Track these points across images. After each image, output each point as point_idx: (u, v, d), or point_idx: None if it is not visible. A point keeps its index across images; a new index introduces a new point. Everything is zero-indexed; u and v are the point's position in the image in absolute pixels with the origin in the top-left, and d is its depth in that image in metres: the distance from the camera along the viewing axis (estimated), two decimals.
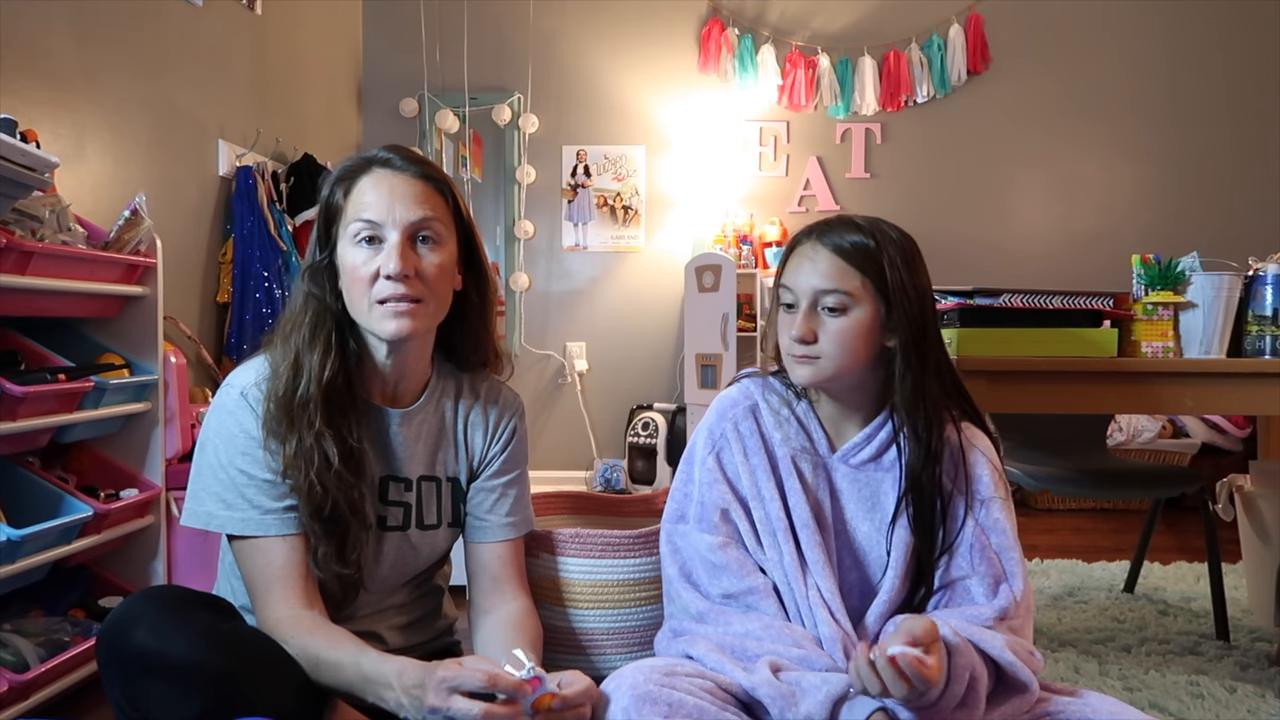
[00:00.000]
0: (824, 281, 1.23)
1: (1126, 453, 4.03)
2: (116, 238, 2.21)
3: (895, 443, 1.29)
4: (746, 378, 1.38)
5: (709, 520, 1.28)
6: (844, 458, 1.31)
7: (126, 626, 1.06)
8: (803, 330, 1.24)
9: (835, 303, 1.23)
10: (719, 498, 1.29)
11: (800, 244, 1.28)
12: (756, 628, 1.21)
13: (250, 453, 1.19)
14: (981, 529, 1.26)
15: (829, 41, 4.54)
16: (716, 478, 1.30)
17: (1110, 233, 4.35)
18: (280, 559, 1.18)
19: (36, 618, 1.98)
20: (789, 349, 1.26)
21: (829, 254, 1.24)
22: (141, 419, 2.25)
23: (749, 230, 4.50)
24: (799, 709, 1.08)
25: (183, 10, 2.97)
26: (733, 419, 1.32)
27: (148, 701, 1.04)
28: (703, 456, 1.32)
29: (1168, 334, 1.98)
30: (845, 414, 1.32)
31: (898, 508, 1.27)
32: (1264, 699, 1.98)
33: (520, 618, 1.29)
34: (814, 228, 1.28)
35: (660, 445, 4.37)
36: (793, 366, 1.27)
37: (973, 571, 1.25)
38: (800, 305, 1.25)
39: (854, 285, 1.23)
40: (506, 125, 4.55)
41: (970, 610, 1.22)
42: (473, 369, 1.37)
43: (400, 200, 1.19)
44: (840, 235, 1.25)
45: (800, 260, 1.26)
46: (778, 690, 1.10)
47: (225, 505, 1.19)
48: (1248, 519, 2.53)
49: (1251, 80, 4.44)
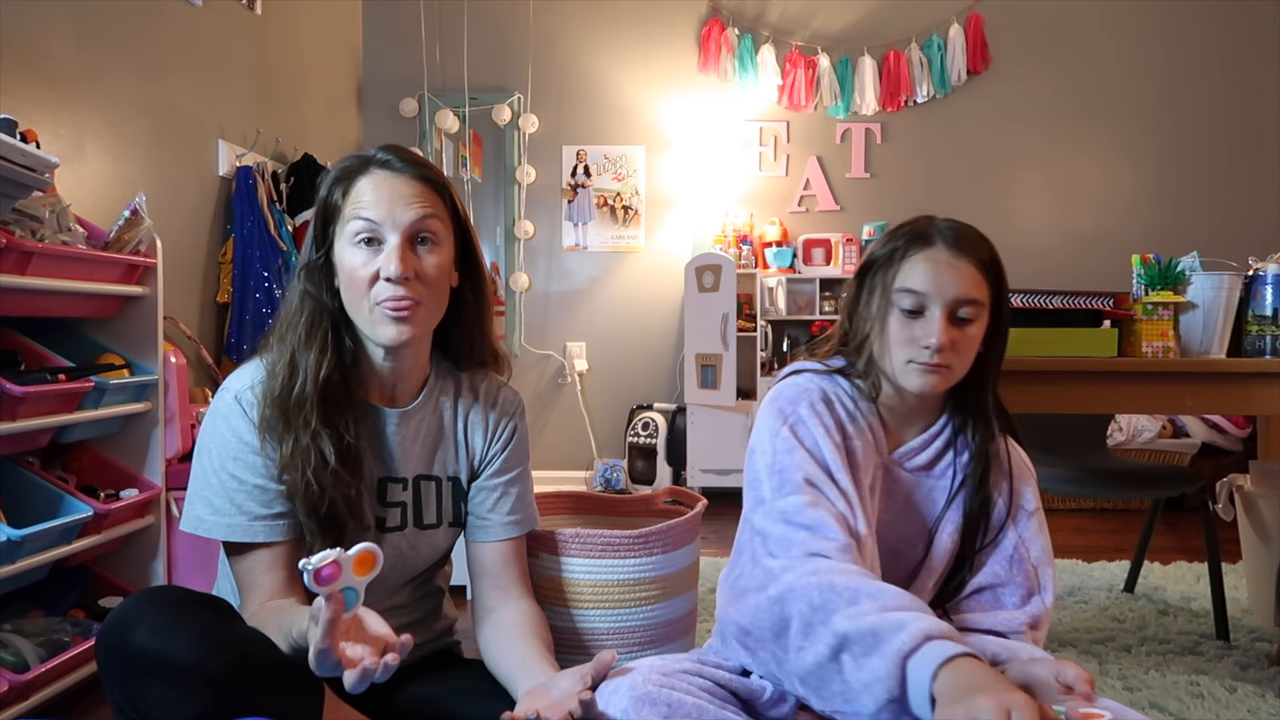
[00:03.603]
0: (965, 291, 1.21)
1: (1126, 453, 4.03)
2: (116, 238, 2.21)
3: (951, 449, 1.29)
4: (805, 372, 1.32)
5: (791, 484, 1.19)
6: (899, 460, 1.30)
7: (126, 627, 1.06)
8: (945, 338, 1.19)
9: (970, 313, 1.21)
10: (800, 463, 1.20)
11: (927, 249, 1.23)
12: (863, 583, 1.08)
13: (242, 457, 1.19)
14: (1023, 540, 1.28)
15: (829, 41, 4.54)
16: (793, 446, 1.22)
17: (1110, 232, 4.36)
18: (264, 565, 1.18)
19: (36, 618, 1.98)
20: (916, 356, 1.21)
21: (970, 264, 1.21)
22: (141, 419, 2.25)
23: (749, 230, 4.50)
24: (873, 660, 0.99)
25: (183, 10, 2.97)
26: (808, 402, 1.25)
27: (147, 702, 1.04)
28: (775, 430, 1.24)
29: (1168, 334, 1.98)
30: (909, 419, 1.31)
31: (944, 511, 1.28)
32: (1264, 699, 1.98)
33: (527, 618, 1.29)
34: (937, 232, 1.23)
35: (660, 445, 4.37)
36: (916, 374, 1.22)
37: (1009, 580, 1.27)
38: (936, 313, 1.20)
39: (985, 296, 1.22)
40: (506, 125, 4.55)
41: (1004, 615, 1.24)
42: (471, 368, 1.37)
43: (400, 202, 1.19)
44: (975, 246, 1.23)
45: (935, 267, 1.21)
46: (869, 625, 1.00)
47: (213, 510, 1.19)
48: (1248, 519, 2.53)
49: (1250, 79, 4.44)
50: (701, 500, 1.62)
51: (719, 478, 4.26)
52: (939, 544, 1.28)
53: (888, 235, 1.28)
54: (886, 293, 1.24)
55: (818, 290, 4.44)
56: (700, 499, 1.62)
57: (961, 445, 1.30)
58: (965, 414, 1.29)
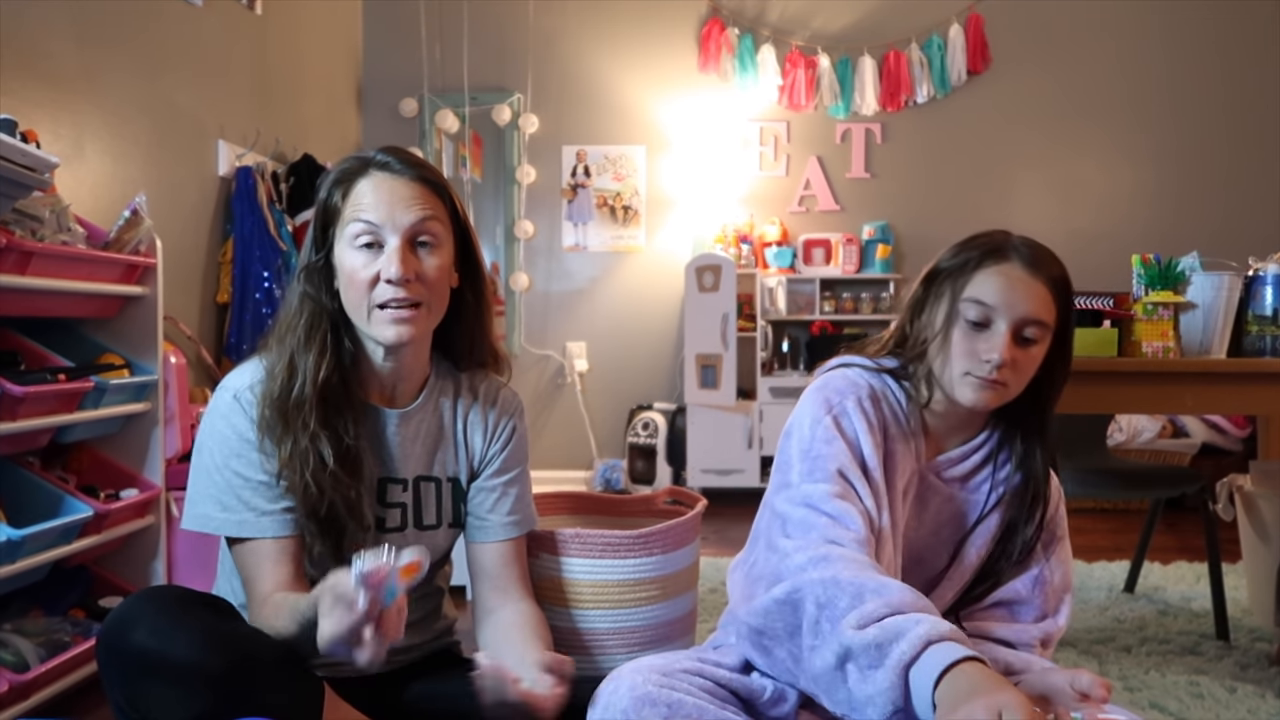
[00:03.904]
0: (1034, 311, 1.19)
1: (1126, 453, 4.03)
2: (116, 238, 2.21)
3: (991, 463, 1.29)
4: (855, 366, 1.29)
5: (822, 471, 1.18)
6: (937, 468, 1.29)
7: (126, 627, 1.06)
8: (1007, 355, 1.18)
9: (1035, 334, 1.19)
10: (837, 453, 1.19)
11: (1002, 263, 1.21)
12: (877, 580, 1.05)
13: (244, 455, 1.19)
14: (1049, 565, 1.28)
15: (829, 41, 4.54)
16: (834, 436, 1.20)
17: (1110, 232, 4.36)
18: (272, 559, 1.18)
19: (36, 618, 1.98)
20: (975, 369, 1.19)
21: (1044, 285, 1.20)
22: (141, 419, 2.25)
23: (749, 230, 4.51)
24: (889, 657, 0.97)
25: (183, 10, 2.97)
26: (856, 397, 1.23)
27: (148, 702, 1.04)
28: (818, 417, 1.22)
29: (1168, 334, 1.97)
30: (954, 429, 1.29)
31: (976, 526, 1.28)
32: (1264, 699, 1.98)
33: (527, 619, 1.29)
34: (1013, 248, 1.22)
35: (660, 445, 4.37)
36: (971, 387, 1.20)
37: (1029, 600, 1.28)
38: (1002, 328, 1.19)
39: (1051, 319, 1.21)
40: (506, 125, 4.55)
41: (1018, 626, 1.26)
42: (470, 369, 1.37)
43: (400, 204, 1.19)
44: (1050, 267, 1.21)
45: (1008, 282, 1.19)
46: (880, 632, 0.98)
47: (222, 508, 1.19)
48: (1248, 519, 2.53)
49: (1251, 79, 4.44)
50: (701, 500, 1.62)
51: (719, 478, 4.26)
52: (965, 557, 1.28)
53: (960, 245, 1.26)
54: (954, 301, 1.22)
55: (818, 290, 4.44)
56: (700, 499, 1.62)
57: (1002, 460, 1.29)
58: (1011, 432, 1.28)
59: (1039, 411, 1.27)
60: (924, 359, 1.25)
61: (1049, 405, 1.27)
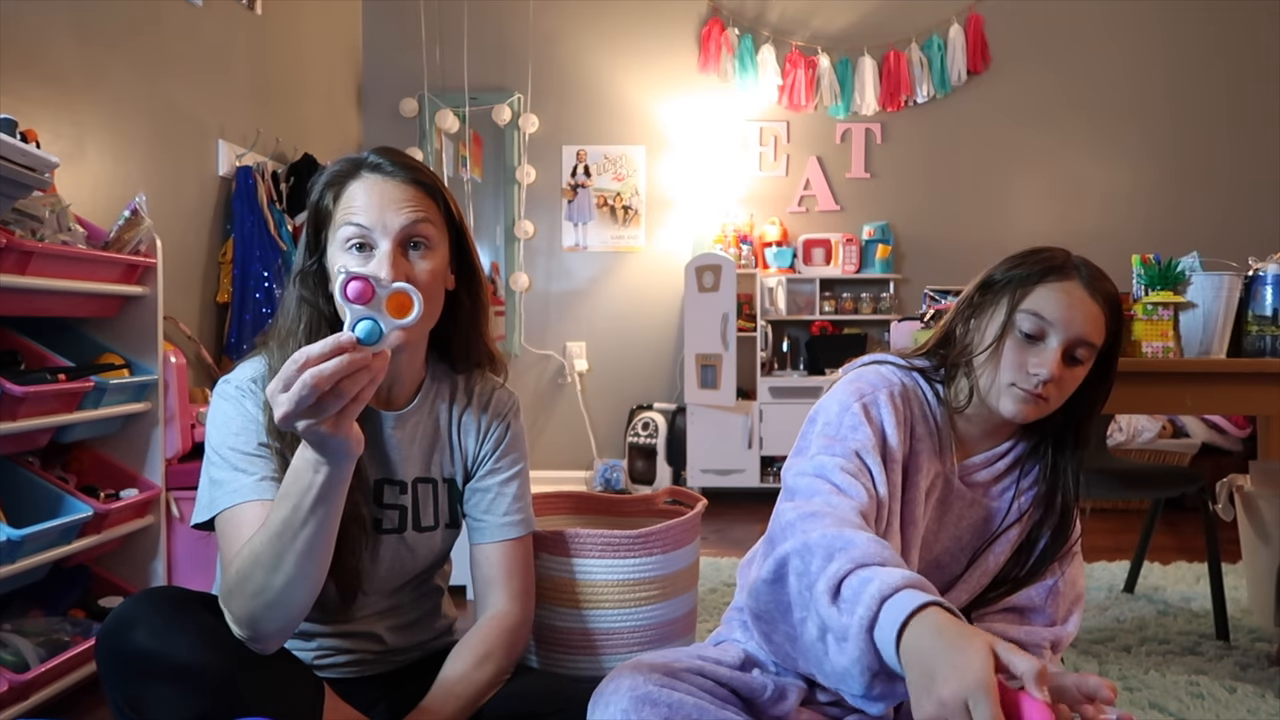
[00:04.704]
0: (1088, 332, 1.19)
1: (1126, 453, 4.03)
2: (116, 238, 2.21)
3: (1016, 471, 1.29)
4: (887, 364, 1.29)
5: (841, 448, 1.17)
6: (960, 473, 1.29)
7: (126, 627, 1.05)
8: (1056, 372, 1.18)
9: (1084, 355, 1.20)
10: (861, 437, 1.18)
11: (1064, 280, 1.21)
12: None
13: (245, 430, 1.17)
14: (1064, 577, 1.29)
15: (829, 41, 4.54)
16: (860, 422, 1.19)
17: (1110, 232, 4.35)
18: (260, 520, 1.10)
19: (36, 618, 1.98)
20: (1022, 381, 1.19)
21: (1099, 307, 1.20)
22: (141, 419, 2.25)
23: (749, 230, 4.51)
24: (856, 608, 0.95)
25: (183, 10, 2.97)
26: (889, 391, 1.24)
27: (147, 702, 1.04)
28: (847, 405, 1.21)
29: (1168, 334, 1.97)
30: (983, 436, 1.30)
31: (997, 533, 1.28)
32: (1264, 699, 1.98)
33: (491, 630, 1.27)
34: (1074, 267, 1.22)
35: (660, 445, 4.37)
36: (1014, 399, 1.20)
37: (1041, 608, 1.28)
38: (1054, 344, 1.19)
39: (1101, 341, 1.22)
40: (506, 125, 4.55)
41: (1029, 628, 1.26)
42: (467, 370, 1.36)
43: (391, 206, 1.18)
44: (1107, 289, 1.22)
45: (1068, 299, 1.20)
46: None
47: (215, 484, 1.16)
48: (1248, 519, 2.53)
49: (1251, 80, 4.44)
50: (701, 500, 1.62)
51: (719, 478, 4.26)
52: (984, 563, 1.28)
53: (1020, 257, 1.26)
54: (1011, 312, 1.22)
55: (818, 290, 4.44)
56: (700, 499, 1.62)
57: (1028, 469, 1.29)
58: (1040, 443, 1.29)
59: (1072, 427, 1.28)
60: (969, 364, 1.25)
61: (1084, 422, 1.28)
